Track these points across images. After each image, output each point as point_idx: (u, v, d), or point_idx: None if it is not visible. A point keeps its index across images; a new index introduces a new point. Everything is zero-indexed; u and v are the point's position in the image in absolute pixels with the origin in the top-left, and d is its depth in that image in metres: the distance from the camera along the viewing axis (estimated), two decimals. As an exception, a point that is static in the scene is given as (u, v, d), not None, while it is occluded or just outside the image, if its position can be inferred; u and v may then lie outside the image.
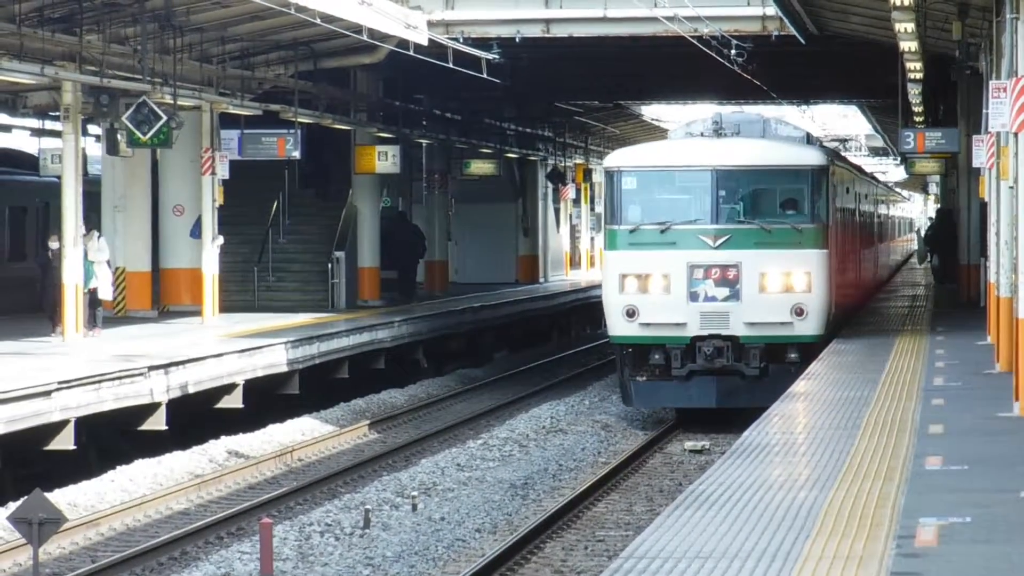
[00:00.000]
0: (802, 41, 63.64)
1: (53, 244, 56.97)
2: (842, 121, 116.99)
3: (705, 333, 49.58)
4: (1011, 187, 37.91)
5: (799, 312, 49.05)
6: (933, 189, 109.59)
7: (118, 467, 45.23)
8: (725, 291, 49.63)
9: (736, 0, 60.87)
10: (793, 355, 49.68)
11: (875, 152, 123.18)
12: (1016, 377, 34.39)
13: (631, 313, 49.52)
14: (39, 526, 25.73)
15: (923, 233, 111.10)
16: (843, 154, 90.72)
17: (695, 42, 59.52)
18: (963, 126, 66.32)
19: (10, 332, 55.31)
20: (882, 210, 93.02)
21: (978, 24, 48.46)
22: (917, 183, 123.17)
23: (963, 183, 75.20)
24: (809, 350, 49.42)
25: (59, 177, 56.44)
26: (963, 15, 50.37)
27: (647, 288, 49.87)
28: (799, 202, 50.48)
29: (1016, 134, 34.51)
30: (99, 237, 56.35)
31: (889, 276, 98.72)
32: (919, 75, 64.19)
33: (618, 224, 50.70)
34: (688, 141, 54.13)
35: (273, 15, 53.11)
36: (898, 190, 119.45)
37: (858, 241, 67.78)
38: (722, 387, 49.89)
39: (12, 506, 30.62)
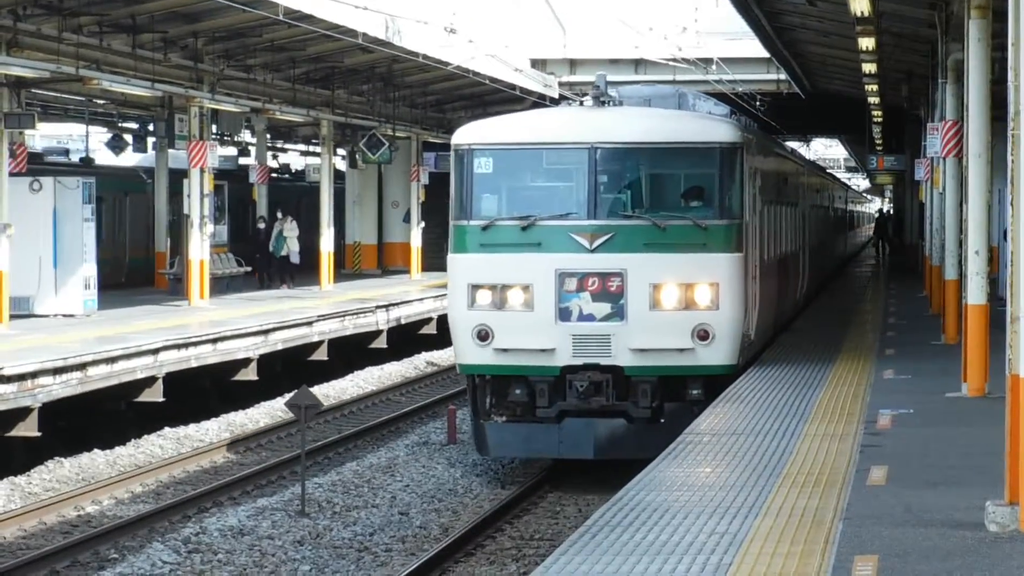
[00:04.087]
0: (802, 96, 63.41)
1: (260, 224, 57.32)
2: (828, 150, 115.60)
3: (579, 362, 25.91)
4: (940, 193, 37.82)
5: (703, 336, 25.57)
6: (888, 194, 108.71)
7: (355, 372, 45.46)
8: (605, 307, 25.76)
9: (760, 69, 60.41)
10: (695, 391, 26.07)
11: (850, 170, 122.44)
12: (943, 319, 34.23)
13: (483, 335, 26.00)
14: (305, 409, 25.81)
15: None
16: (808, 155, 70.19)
17: (733, 96, 58.97)
18: (908, 153, 65.63)
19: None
20: (839, 204, 75.27)
21: (919, 86, 48.12)
22: (877, 190, 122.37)
23: (908, 191, 74.69)
24: (717, 384, 26.18)
25: (317, 183, 56.97)
26: (910, 80, 50.07)
27: (504, 303, 26.16)
28: (705, 191, 26.77)
29: (944, 158, 34.33)
30: (292, 220, 56.19)
31: (856, 253, 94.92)
32: (879, 119, 63.88)
33: (467, 219, 26.70)
34: (561, 111, 32.64)
35: (458, 78, 53.15)
36: (861, 192, 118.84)
37: (801, 239, 41.68)
38: (602, 433, 25.88)
39: (287, 396, 30.66)
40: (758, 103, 62.66)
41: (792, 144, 63.36)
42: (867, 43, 37.71)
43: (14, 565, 22.33)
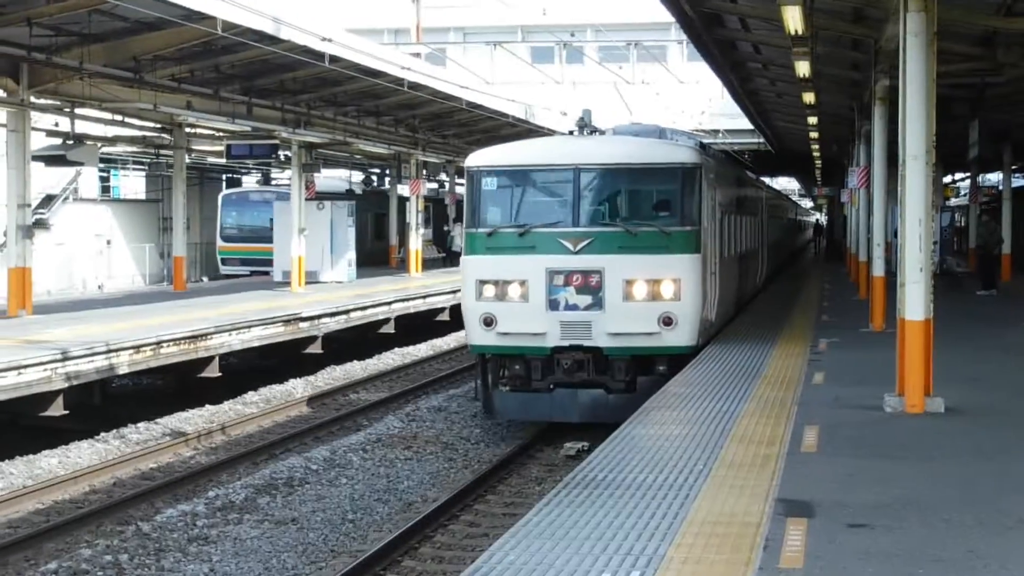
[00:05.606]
0: (774, 151, 62.92)
1: (444, 228, 57.33)
2: (789, 183, 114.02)
3: (566, 344, 20.22)
4: (856, 209, 37.45)
5: (667, 322, 20.03)
6: (824, 210, 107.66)
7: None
8: (587, 299, 20.14)
9: (748, 136, 59.38)
10: (662, 367, 20.31)
11: (801, 196, 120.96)
12: (858, 283, 33.89)
13: (488, 322, 20.34)
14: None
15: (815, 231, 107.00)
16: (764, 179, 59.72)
17: (731, 152, 58.31)
18: (837, 185, 65.06)
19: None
20: (792, 216, 66.03)
21: (844, 145, 47.69)
22: (818, 208, 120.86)
23: (837, 208, 73.85)
24: (679, 362, 20.11)
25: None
26: (838, 142, 49.64)
27: (505, 295, 20.42)
28: (669, 203, 20.86)
29: (858, 189, 33.98)
30: (459, 225, 55.92)
31: (802, 248, 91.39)
32: (820, 165, 63.32)
33: (476, 227, 20.67)
34: (552, 139, 24.30)
35: (518, 127, 52.78)
36: (808, 209, 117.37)
37: (760, 240, 35.07)
38: (584, 401, 20.40)
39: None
40: (746, 156, 62.20)
41: (765, 178, 62.05)
42: (812, 120, 37.48)
43: (307, 428, 22.61)
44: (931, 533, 9.00)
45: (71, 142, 30.81)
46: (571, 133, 21.72)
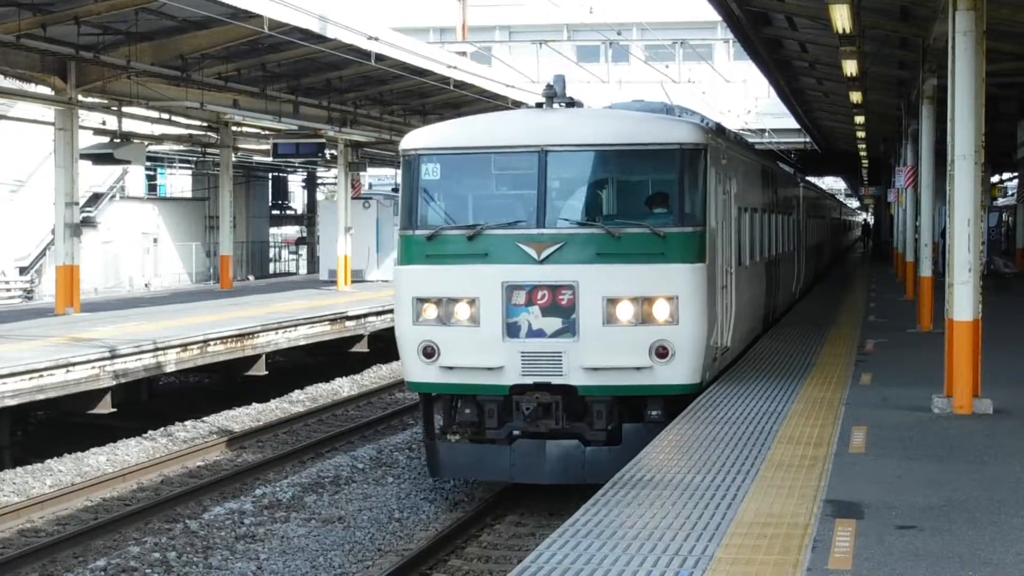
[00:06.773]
0: (820, 151, 62.63)
1: None
2: (835, 183, 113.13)
3: (529, 381, 14.36)
4: (903, 209, 37.30)
5: (661, 353, 14.10)
6: (871, 210, 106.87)
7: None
8: (556, 323, 14.17)
9: (795, 135, 59.06)
10: (655, 412, 14.55)
11: (847, 195, 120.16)
12: (906, 284, 33.71)
13: (429, 352, 14.49)
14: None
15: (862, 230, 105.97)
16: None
17: (777, 151, 57.95)
18: (884, 185, 64.67)
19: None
20: (836, 215, 60.96)
21: (891, 144, 47.44)
22: (864, 208, 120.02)
23: (883, 208, 73.41)
24: (677, 404, 14.43)
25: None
26: (884, 141, 49.40)
27: (450, 318, 14.51)
28: (665, 196, 14.64)
29: (905, 189, 33.81)
30: None
31: (848, 248, 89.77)
32: (866, 165, 63.02)
33: (413, 229, 14.75)
34: (512, 114, 16.91)
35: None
36: (854, 209, 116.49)
37: (796, 241, 30.03)
38: (554, 455, 14.46)
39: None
40: (792, 155, 61.98)
41: (812, 178, 61.44)
42: (859, 119, 37.31)
43: (357, 425, 22.67)
44: (980, 536, 8.96)
45: (118, 140, 31.06)
46: (539, 106, 16.22)
